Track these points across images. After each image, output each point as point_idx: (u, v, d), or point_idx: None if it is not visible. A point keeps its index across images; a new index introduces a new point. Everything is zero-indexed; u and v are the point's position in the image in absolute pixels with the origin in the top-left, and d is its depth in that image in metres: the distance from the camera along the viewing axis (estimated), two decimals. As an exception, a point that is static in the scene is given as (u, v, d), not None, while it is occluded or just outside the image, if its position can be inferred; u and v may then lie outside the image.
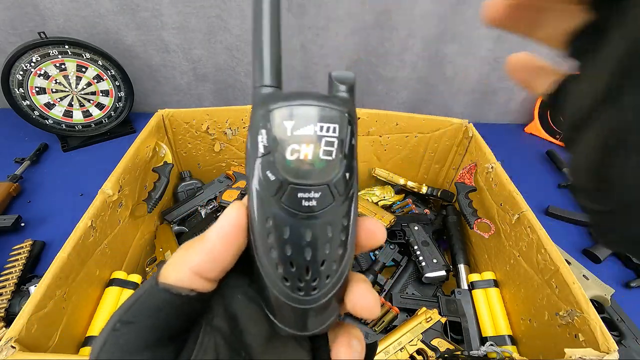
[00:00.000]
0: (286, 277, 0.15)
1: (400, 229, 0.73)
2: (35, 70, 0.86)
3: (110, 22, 0.92)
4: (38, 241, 0.71)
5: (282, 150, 0.14)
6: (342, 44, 1.02)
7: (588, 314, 0.43)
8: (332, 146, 0.15)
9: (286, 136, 0.14)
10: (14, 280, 0.63)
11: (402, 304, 0.63)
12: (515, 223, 0.58)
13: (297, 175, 0.14)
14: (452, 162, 0.81)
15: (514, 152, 1.15)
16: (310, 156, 0.14)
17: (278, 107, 0.15)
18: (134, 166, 0.60)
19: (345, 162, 0.15)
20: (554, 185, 1.03)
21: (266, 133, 0.15)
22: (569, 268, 0.48)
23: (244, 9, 0.93)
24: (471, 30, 1.00)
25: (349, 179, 0.15)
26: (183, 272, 0.15)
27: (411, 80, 1.11)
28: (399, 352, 0.53)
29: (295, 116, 0.15)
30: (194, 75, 1.07)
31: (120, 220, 0.58)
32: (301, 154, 0.14)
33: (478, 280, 0.65)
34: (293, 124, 0.15)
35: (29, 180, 0.88)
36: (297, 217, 0.15)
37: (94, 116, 0.99)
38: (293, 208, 0.15)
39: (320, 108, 0.15)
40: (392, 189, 0.85)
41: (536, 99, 1.18)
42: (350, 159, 0.15)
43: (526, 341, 0.55)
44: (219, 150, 0.79)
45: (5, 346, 0.36)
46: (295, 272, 0.15)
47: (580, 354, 0.39)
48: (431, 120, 0.76)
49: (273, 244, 0.15)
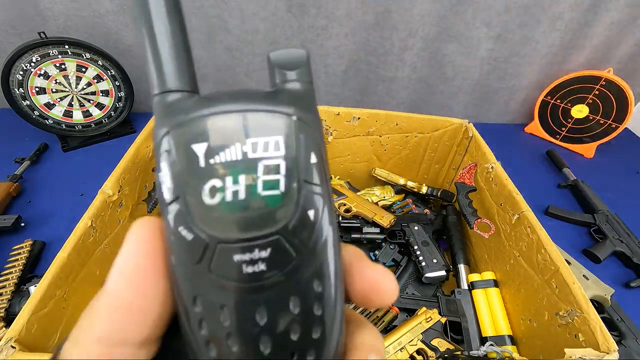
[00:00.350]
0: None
1: (400, 229, 0.73)
2: (35, 70, 0.86)
3: (110, 22, 0.92)
4: (38, 241, 0.71)
5: (197, 192, 0.10)
6: (342, 44, 1.02)
7: (588, 314, 0.43)
8: (277, 172, 0.10)
9: (199, 168, 0.10)
10: (14, 280, 0.63)
11: (402, 304, 0.63)
12: (515, 223, 0.58)
13: (226, 227, 0.10)
14: (452, 162, 0.81)
15: (514, 152, 1.15)
16: (242, 194, 0.10)
17: (183, 122, 0.10)
18: (134, 166, 0.60)
19: (304, 193, 0.10)
20: (554, 185, 1.03)
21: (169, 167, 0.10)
22: (569, 268, 0.48)
23: (244, 9, 0.93)
24: (471, 30, 1.00)
25: (316, 217, 0.10)
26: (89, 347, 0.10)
27: (411, 80, 1.11)
28: (399, 352, 0.53)
29: (210, 133, 0.10)
30: (194, 75, 1.07)
31: (120, 220, 0.58)
32: (228, 192, 0.10)
33: (478, 280, 0.65)
34: (206, 146, 0.10)
35: (29, 180, 0.88)
36: (241, 293, 0.10)
37: (94, 116, 0.99)
38: (230, 279, 0.10)
39: (251, 114, 0.10)
40: (392, 189, 0.85)
41: (536, 99, 1.18)
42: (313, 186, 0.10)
43: (526, 341, 0.55)
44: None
45: (5, 346, 0.36)
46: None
47: (580, 354, 0.39)
48: (431, 120, 0.76)
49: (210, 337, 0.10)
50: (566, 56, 1.07)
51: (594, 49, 1.05)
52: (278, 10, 0.94)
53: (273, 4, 0.92)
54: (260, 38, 0.99)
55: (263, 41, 1.00)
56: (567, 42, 1.03)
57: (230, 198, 0.10)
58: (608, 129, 1.11)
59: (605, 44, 1.05)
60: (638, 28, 1.01)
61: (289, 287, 0.10)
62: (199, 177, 0.10)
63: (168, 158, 0.10)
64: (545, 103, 1.17)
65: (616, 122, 1.09)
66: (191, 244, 0.10)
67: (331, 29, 0.98)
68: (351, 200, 0.76)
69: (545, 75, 1.12)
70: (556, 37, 1.02)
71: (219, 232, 0.10)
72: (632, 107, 1.05)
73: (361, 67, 1.08)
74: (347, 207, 0.75)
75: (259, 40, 0.99)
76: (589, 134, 1.14)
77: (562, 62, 1.09)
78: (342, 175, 0.87)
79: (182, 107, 0.10)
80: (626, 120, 1.07)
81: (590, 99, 1.10)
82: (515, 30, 1.00)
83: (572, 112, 1.14)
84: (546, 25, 0.99)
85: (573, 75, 1.10)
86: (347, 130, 0.78)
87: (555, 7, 0.96)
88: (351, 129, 0.78)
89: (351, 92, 1.15)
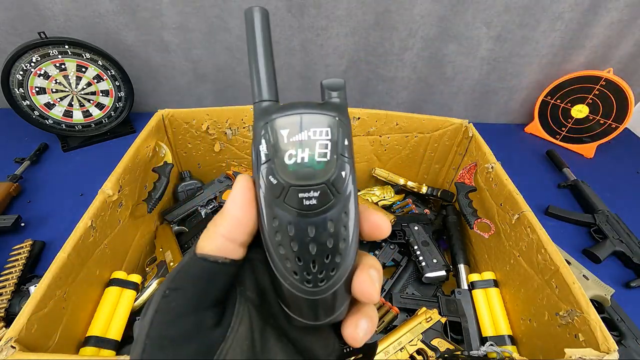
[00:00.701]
0: (295, 271, 0.17)
1: (400, 229, 0.73)
2: (35, 70, 0.86)
3: (110, 22, 0.92)
4: (38, 241, 0.71)
5: (281, 156, 0.16)
6: (342, 44, 1.02)
7: (588, 314, 0.43)
8: (326, 148, 0.16)
9: (283, 143, 0.16)
10: (14, 280, 0.63)
11: (402, 304, 0.63)
12: (515, 223, 0.58)
13: (296, 177, 0.16)
14: (452, 162, 0.81)
15: (514, 152, 1.15)
16: (306, 159, 0.16)
17: (274, 119, 0.17)
18: (134, 166, 0.60)
19: (340, 162, 0.16)
20: (554, 185, 1.03)
21: (266, 143, 0.16)
22: (569, 268, 0.48)
23: (244, 9, 0.93)
24: (471, 30, 1.00)
25: (346, 176, 0.17)
26: (216, 240, 0.17)
27: (411, 80, 1.11)
28: (399, 352, 0.53)
29: (290, 125, 0.16)
30: (194, 75, 1.07)
31: (120, 220, 0.58)
32: (298, 157, 0.16)
33: (478, 280, 0.65)
34: (288, 131, 0.16)
35: (29, 180, 0.88)
36: (300, 216, 0.16)
37: (94, 116, 0.99)
38: (295, 207, 0.16)
39: (312, 115, 0.16)
40: (392, 189, 0.85)
41: (536, 99, 1.19)
42: (345, 158, 0.17)
43: (526, 341, 0.55)
44: (219, 150, 0.79)
45: (5, 346, 0.36)
46: (302, 266, 0.17)
47: (580, 354, 0.39)
48: (431, 120, 0.76)
49: (281, 241, 0.17)
50: (566, 56, 1.07)
51: (594, 49, 1.05)
52: (278, 10, 0.94)
53: (273, 4, 0.92)
54: (260, 38, 0.99)
55: (263, 41, 1.00)
56: (567, 42, 1.03)
57: (299, 161, 0.16)
58: (608, 129, 1.11)
59: (605, 44, 1.05)
60: (638, 28, 1.01)
61: (328, 215, 0.16)
62: (283, 148, 0.16)
63: (265, 137, 0.16)
64: (545, 103, 1.17)
65: (616, 122, 1.09)
66: (275, 186, 0.16)
67: (331, 29, 0.98)
68: (351, 200, 0.76)
69: (545, 75, 1.12)
70: (556, 37, 1.02)
71: (291, 180, 0.16)
72: (632, 107, 1.05)
73: (361, 67, 1.08)
74: (347, 207, 0.75)
75: (259, 40, 0.99)
76: (589, 134, 1.14)
77: (562, 62, 1.09)
78: (342, 175, 0.86)
79: (273, 109, 0.17)
80: (626, 120, 1.07)
81: (590, 99, 1.10)
82: (515, 30, 1.00)
83: (572, 112, 1.14)
84: (546, 25, 0.99)
85: (573, 75, 1.10)
86: (347, 130, 0.78)
87: (555, 7, 0.96)
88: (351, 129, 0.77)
89: (351, 92, 1.15)
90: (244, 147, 0.80)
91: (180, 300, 0.16)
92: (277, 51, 1.02)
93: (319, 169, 0.16)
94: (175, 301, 0.16)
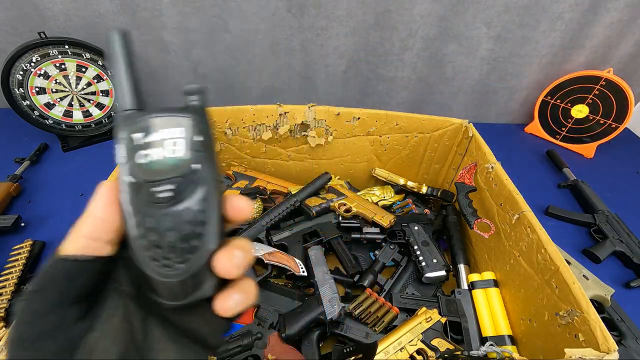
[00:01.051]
0: (155, 258, 0.18)
1: (400, 229, 0.73)
2: (35, 70, 0.86)
3: (110, 22, 0.92)
4: (38, 241, 0.71)
5: (136, 157, 0.18)
6: (342, 44, 1.02)
7: (588, 314, 0.43)
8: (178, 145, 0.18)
9: (138, 145, 0.18)
10: (14, 280, 0.63)
11: (402, 304, 0.63)
12: (515, 223, 0.58)
13: (150, 174, 0.17)
14: (452, 162, 0.81)
15: (514, 152, 1.15)
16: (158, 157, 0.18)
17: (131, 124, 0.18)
18: (134, 166, 0.60)
19: (193, 156, 0.18)
20: (554, 185, 1.03)
21: (124, 146, 0.18)
22: (569, 268, 0.48)
23: (244, 9, 0.93)
24: (471, 30, 1.00)
25: (199, 169, 0.18)
26: (78, 241, 0.18)
27: (411, 80, 1.11)
28: (399, 352, 0.53)
29: (144, 128, 0.18)
30: (194, 76, 1.07)
31: (120, 220, 0.58)
32: (151, 156, 0.17)
33: (478, 280, 0.65)
34: (142, 134, 0.18)
35: (29, 180, 0.88)
36: (157, 208, 0.17)
37: (94, 116, 0.99)
38: (152, 201, 0.17)
39: (164, 117, 0.18)
40: (392, 189, 0.85)
41: (536, 99, 1.19)
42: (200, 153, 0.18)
43: (526, 341, 0.55)
44: (219, 150, 0.79)
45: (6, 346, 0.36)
46: (161, 253, 0.18)
47: (580, 354, 0.39)
48: (431, 120, 0.76)
49: (141, 233, 0.18)
50: (566, 56, 1.07)
51: (594, 49, 1.05)
52: (278, 10, 0.94)
53: (273, 4, 0.92)
54: (260, 38, 0.99)
55: (263, 41, 1.00)
56: (567, 42, 1.03)
57: (151, 159, 0.18)
58: (608, 129, 1.11)
59: (605, 44, 1.05)
60: (638, 28, 1.01)
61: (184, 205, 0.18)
62: (137, 149, 0.18)
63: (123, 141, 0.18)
64: (545, 103, 1.17)
65: (616, 122, 1.09)
66: (133, 184, 0.18)
67: (331, 29, 0.98)
68: (351, 200, 0.76)
69: (545, 75, 1.12)
70: (556, 37, 1.02)
71: (145, 176, 0.17)
72: (632, 107, 1.05)
73: (361, 67, 1.08)
74: (347, 207, 0.75)
75: (259, 40, 0.99)
76: (589, 134, 1.14)
77: (562, 62, 1.09)
78: (342, 175, 0.87)
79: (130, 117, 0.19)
80: (626, 120, 1.07)
81: (590, 99, 1.10)
82: (515, 30, 1.00)
83: (572, 112, 1.14)
84: (546, 25, 0.99)
85: (573, 75, 1.10)
86: (347, 130, 0.78)
87: (555, 7, 0.96)
88: (351, 129, 0.78)
89: (351, 92, 1.15)
90: (244, 147, 0.80)
91: (40, 301, 0.17)
92: (277, 51, 1.02)
93: (171, 165, 0.17)
94: (35, 303, 0.17)
